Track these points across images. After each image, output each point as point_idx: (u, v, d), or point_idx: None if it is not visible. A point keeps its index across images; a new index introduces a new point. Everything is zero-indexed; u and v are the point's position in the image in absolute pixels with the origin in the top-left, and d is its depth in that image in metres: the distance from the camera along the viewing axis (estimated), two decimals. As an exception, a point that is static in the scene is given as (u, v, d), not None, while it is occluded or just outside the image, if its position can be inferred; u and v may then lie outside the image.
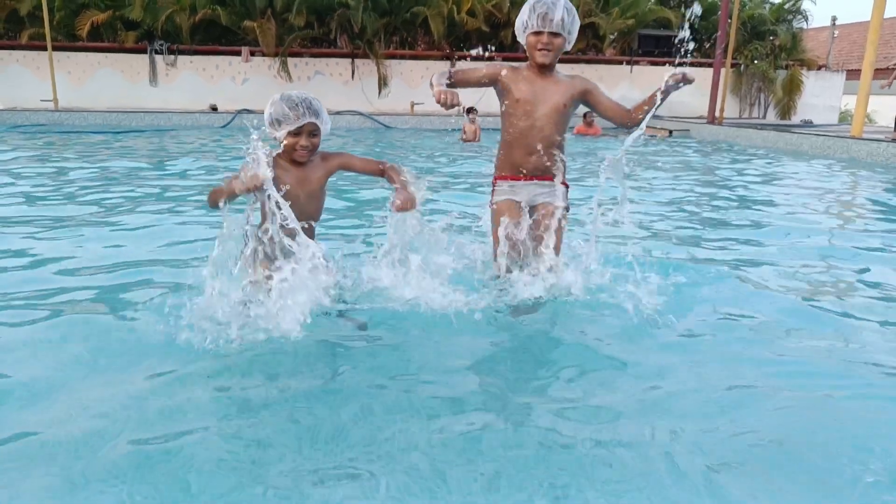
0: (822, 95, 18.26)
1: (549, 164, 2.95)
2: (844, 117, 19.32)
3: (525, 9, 2.78)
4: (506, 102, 2.93)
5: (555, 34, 2.74)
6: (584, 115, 14.10)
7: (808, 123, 15.45)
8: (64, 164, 8.02)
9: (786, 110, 17.79)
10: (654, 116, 11.77)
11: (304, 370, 2.38)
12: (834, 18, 19.21)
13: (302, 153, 2.58)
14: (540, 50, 2.75)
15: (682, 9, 18.00)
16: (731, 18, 14.42)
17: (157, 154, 9.45)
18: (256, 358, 2.41)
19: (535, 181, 3.01)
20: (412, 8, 15.65)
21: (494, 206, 3.06)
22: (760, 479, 1.81)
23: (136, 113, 14.09)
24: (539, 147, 2.91)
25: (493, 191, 3.10)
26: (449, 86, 2.79)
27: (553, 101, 2.86)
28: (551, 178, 3.02)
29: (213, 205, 2.51)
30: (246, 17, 15.27)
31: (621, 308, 2.89)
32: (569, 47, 2.83)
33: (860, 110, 10.57)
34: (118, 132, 12.32)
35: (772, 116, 17.97)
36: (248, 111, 14.53)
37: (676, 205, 6.16)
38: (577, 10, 2.80)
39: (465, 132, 11.64)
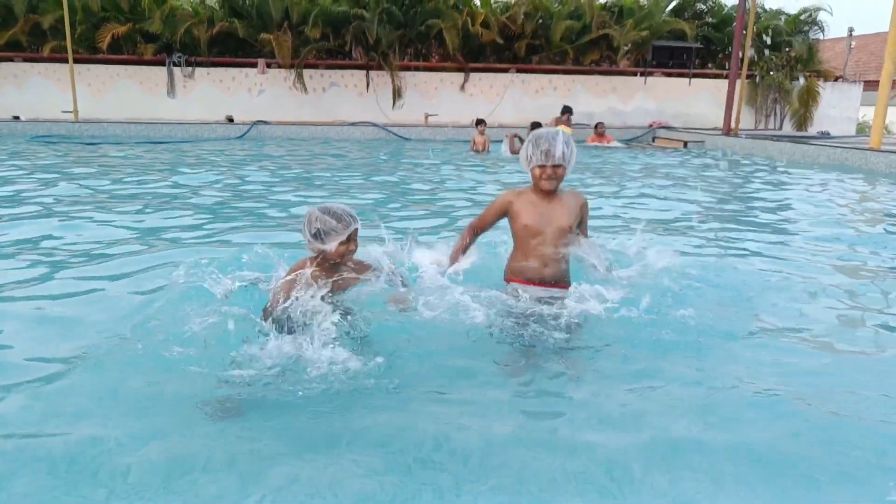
0: (839, 106, 18.09)
1: (558, 272, 3.12)
2: (862, 128, 19.11)
3: (528, 144, 3.03)
4: (514, 225, 3.14)
5: (557, 166, 2.97)
6: (596, 126, 14.10)
7: (824, 135, 15.31)
8: (82, 175, 8.14)
9: (802, 121, 17.64)
10: (669, 128, 11.92)
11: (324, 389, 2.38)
12: (851, 29, 19.07)
13: (350, 257, 2.73)
14: (545, 180, 3.01)
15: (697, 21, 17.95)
16: (746, 30, 14.36)
17: (175, 165, 9.56)
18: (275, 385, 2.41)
19: (545, 288, 3.12)
20: (427, 20, 15.77)
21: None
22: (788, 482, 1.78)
23: (155, 124, 14.29)
24: (549, 259, 3.08)
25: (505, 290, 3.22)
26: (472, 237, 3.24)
27: (558, 223, 3.06)
28: (561, 286, 3.13)
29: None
30: (262, 29, 15.47)
31: (636, 316, 2.87)
32: (568, 174, 3.07)
33: (878, 122, 10.45)
34: (136, 143, 12.50)
35: (788, 128, 17.82)
36: (264, 122, 14.68)
37: (689, 215, 6.12)
38: (592, 21, 2.86)
39: (474, 143, 11.77)
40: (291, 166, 9.68)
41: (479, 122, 11.80)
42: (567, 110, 12.86)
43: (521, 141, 11.21)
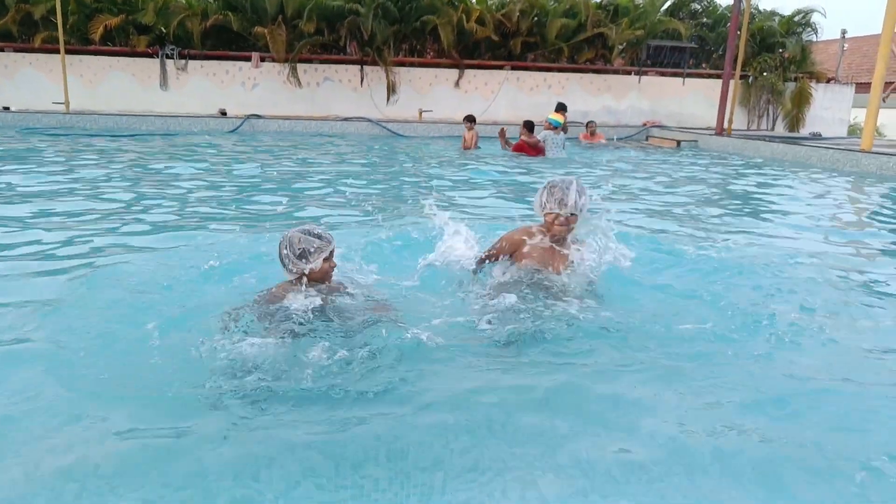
0: (831, 108, 18.21)
1: None
2: (854, 130, 19.23)
3: (543, 191, 3.07)
4: (516, 259, 3.19)
5: (570, 214, 3.04)
6: (587, 124, 14.12)
7: (816, 136, 15.40)
8: (72, 167, 8.08)
9: (794, 122, 17.74)
10: (662, 127, 12.02)
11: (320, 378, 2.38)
12: (844, 31, 19.16)
13: (331, 273, 2.81)
14: (558, 226, 3.06)
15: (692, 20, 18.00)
16: (740, 30, 14.42)
17: (167, 158, 9.50)
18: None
19: None
20: (422, 16, 15.72)
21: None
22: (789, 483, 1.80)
23: (147, 116, 14.20)
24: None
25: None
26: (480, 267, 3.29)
27: (558, 276, 3.12)
28: None
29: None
30: (257, 23, 15.38)
31: (632, 319, 2.89)
32: (582, 219, 3.12)
33: (870, 123, 10.52)
34: (129, 135, 12.42)
35: (780, 128, 17.92)
36: (258, 116, 14.61)
37: (682, 214, 6.14)
38: (587, 19, 2.88)
39: (464, 140, 11.75)
40: (282, 161, 9.65)
41: (466, 118, 11.77)
42: (561, 107, 12.88)
43: (508, 144, 11.18)
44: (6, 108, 14.28)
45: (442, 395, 2.35)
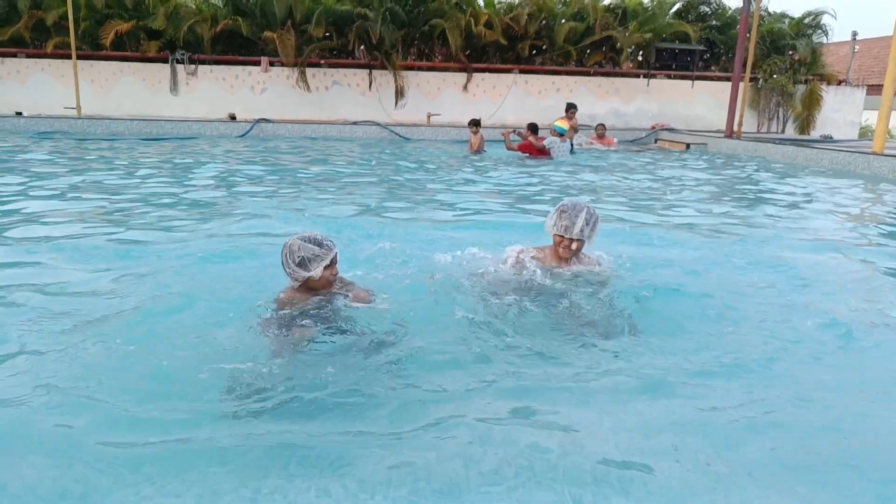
0: (841, 110, 18.07)
1: None
2: (865, 132, 19.07)
3: (554, 213, 3.20)
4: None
5: (575, 239, 3.16)
6: (596, 128, 14.08)
7: (827, 138, 15.28)
8: (83, 172, 8.14)
9: (805, 125, 17.62)
10: (671, 130, 11.99)
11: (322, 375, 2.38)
12: (854, 33, 19.04)
13: (334, 280, 2.80)
14: (563, 249, 3.19)
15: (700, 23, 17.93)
16: (750, 32, 14.34)
17: (176, 162, 9.56)
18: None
19: None
20: (430, 20, 15.76)
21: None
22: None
23: (157, 121, 14.30)
24: None
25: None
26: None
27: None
28: None
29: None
30: (266, 27, 15.47)
31: (636, 328, 2.87)
32: (589, 245, 3.23)
33: (882, 126, 10.42)
34: (139, 140, 12.51)
35: (790, 131, 17.80)
36: (267, 120, 14.68)
37: (691, 217, 6.11)
38: (595, 22, 2.90)
39: (470, 144, 11.74)
40: (292, 164, 9.68)
41: (471, 122, 11.75)
42: (571, 107, 12.89)
43: (518, 134, 11.21)
44: (19, 113, 14.43)
45: (445, 397, 2.34)
